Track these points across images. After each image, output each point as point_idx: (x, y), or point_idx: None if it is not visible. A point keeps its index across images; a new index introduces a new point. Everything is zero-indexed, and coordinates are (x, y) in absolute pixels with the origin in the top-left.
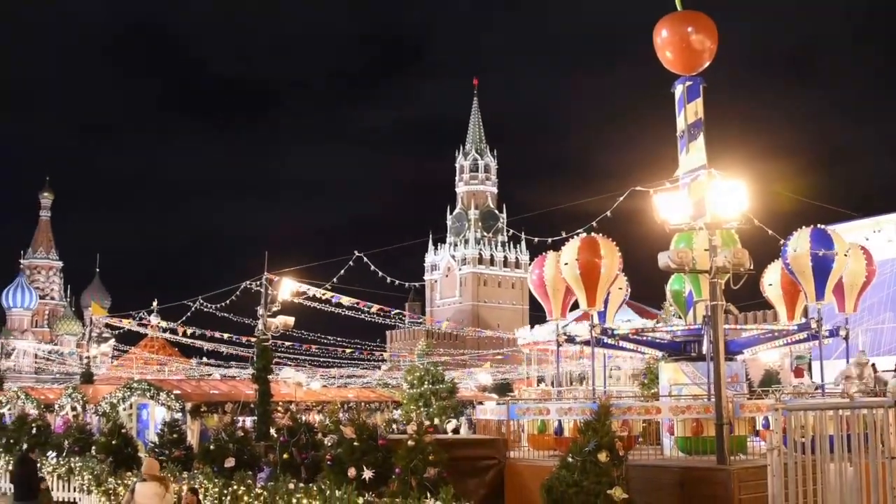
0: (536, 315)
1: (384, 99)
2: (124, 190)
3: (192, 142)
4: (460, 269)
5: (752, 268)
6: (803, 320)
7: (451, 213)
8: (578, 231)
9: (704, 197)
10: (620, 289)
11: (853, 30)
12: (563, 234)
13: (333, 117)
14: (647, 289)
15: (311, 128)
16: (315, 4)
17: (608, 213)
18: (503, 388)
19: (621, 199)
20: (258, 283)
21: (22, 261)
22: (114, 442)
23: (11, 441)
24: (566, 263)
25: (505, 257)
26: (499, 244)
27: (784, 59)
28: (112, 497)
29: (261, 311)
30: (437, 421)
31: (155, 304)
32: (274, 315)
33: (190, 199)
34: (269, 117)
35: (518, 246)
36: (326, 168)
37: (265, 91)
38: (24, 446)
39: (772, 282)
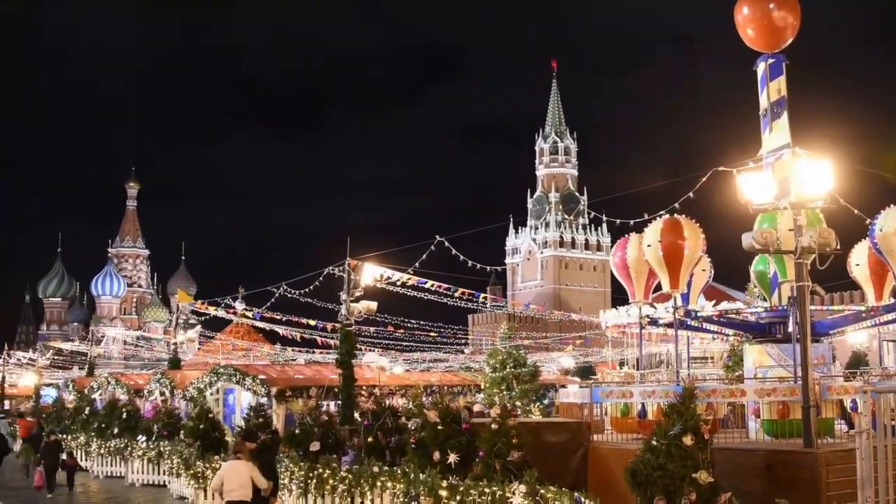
0: (619, 297)
1: (436, 99)
2: (205, 185)
3: (261, 144)
4: (541, 253)
5: (838, 248)
6: (892, 301)
7: (531, 196)
8: (661, 212)
9: (789, 176)
10: (704, 270)
11: None
12: (646, 216)
13: (390, 118)
14: (731, 270)
15: (368, 129)
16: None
17: (691, 194)
18: (585, 372)
19: (704, 179)
20: (341, 268)
21: (110, 250)
22: (201, 426)
23: (103, 425)
24: (649, 245)
25: (586, 240)
26: (580, 227)
27: (868, 33)
28: (200, 480)
29: (344, 296)
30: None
31: (240, 290)
32: (357, 300)
33: (262, 195)
34: (329, 122)
35: (599, 228)
36: (397, 166)
37: (323, 97)
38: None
39: (859, 262)
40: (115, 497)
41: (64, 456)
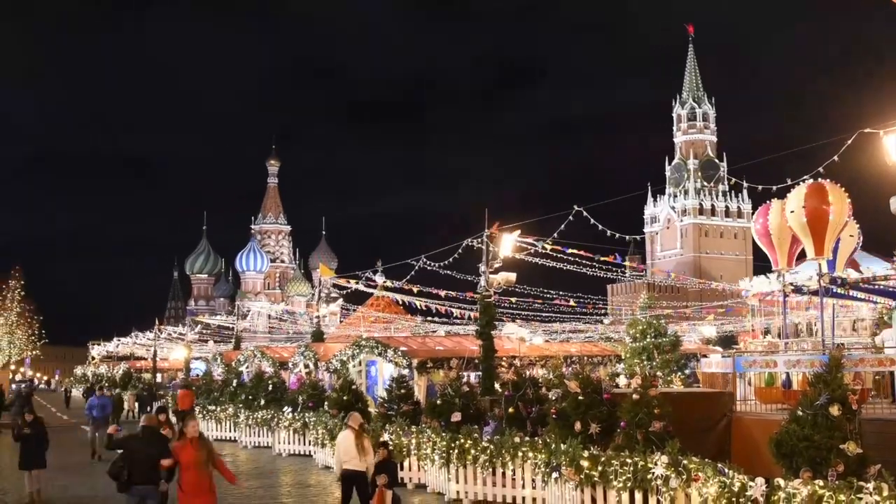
0: (761, 265)
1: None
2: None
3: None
4: (681, 221)
5: None
6: None
7: (669, 164)
8: (804, 177)
9: None
10: (851, 236)
11: None
12: (788, 182)
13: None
14: (879, 237)
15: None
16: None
17: (835, 158)
18: (727, 341)
19: (849, 142)
20: (479, 240)
21: (253, 226)
22: (345, 397)
23: (250, 397)
24: (792, 211)
25: (726, 207)
26: (720, 194)
27: None
28: None
29: (483, 267)
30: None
31: (380, 264)
32: (496, 271)
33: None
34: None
35: (740, 195)
36: (531, 146)
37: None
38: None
39: None
40: (263, 466)
41: None
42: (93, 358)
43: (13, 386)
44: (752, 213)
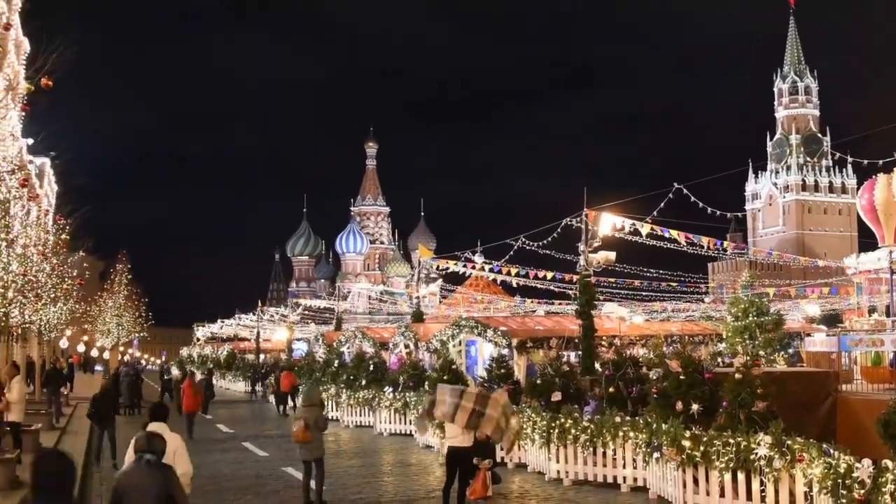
0: (867, 242)
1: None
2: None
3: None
4: (783, 197)
5: None
6: None
7: (770, 139)
8: None
9: None
10: None
11: None
12: None
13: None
14: None
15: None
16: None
17: None
18: (832, 320)
19: None
20: (578, 219)
21: (352, 208)
22: (445, 377)
23: (352, 377)
24: None
25: (830, 183)
26: (823, 169)
27: None
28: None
29: (582, 247)
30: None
31: (479, 244)
32: (595, 251)
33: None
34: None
35: (844, 170)
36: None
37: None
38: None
39: None
40: (365, 446)
41: None
42: (198, 339)
43: (122, 368)
44: (858, 189)
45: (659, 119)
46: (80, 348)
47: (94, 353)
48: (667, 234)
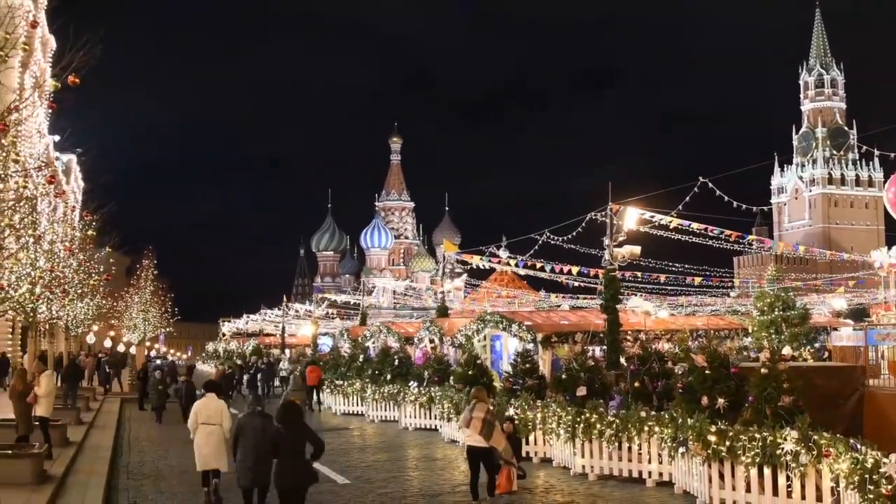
0: (894, 235)
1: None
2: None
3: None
4: (809, 191)
5: None
6: None
7: (796, 133)
8: None
9: None
10: None
11: None
12: None
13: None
14: None
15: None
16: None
17: None
18: (859, 314)
19: None
20: (603, 213)
21: (377, 203)
22: (470, 372)
23: (377, 372)
24: None
25: (857, 176)
26: (849, 162)
27: None
28: None
29: (607, 241)
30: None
31: (503, 239)
32: (620, 245)
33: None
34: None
35: (871, 163)
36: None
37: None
38: None
39: None
40: (390, 440)
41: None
42: (223, 334)
43: (157, 362)
44: (885, 182)
45: (683, 116)
46: (107, 343)
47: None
48: (691, 228)
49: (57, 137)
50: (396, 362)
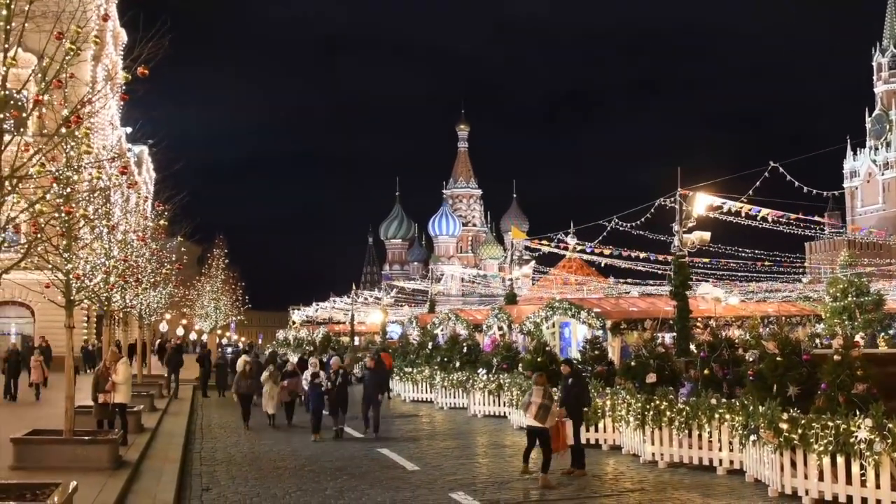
0: None
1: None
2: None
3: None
4: (882, 175)
5: None
6: None
7: (869, 115)
8: None
9: None
10: None
11: None
12: None
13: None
14: None
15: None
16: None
17: None
18: None
19: None
20: (672, 199)
21: (445, 191)
22: (539, 359)
23: (446, 359)
24: None
25: None
26: None
27: None
28: None
29: (676, 227)
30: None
31: (572, 225)
32: (689, 231)
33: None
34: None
35: None
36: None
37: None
38: None
39: None
40: (459, 427)
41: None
42: (293, 322)
43: (228, 350)
44: None
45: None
46: (180, 331)
47: (193, 335)
48: (759, 214)
49: (129, 129)
50: (465, 349)
